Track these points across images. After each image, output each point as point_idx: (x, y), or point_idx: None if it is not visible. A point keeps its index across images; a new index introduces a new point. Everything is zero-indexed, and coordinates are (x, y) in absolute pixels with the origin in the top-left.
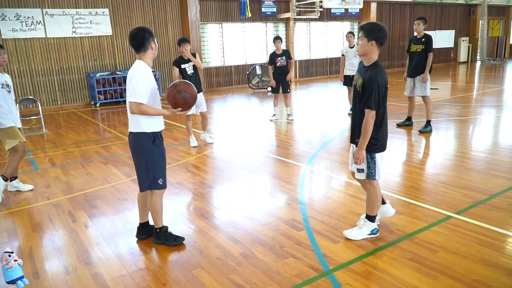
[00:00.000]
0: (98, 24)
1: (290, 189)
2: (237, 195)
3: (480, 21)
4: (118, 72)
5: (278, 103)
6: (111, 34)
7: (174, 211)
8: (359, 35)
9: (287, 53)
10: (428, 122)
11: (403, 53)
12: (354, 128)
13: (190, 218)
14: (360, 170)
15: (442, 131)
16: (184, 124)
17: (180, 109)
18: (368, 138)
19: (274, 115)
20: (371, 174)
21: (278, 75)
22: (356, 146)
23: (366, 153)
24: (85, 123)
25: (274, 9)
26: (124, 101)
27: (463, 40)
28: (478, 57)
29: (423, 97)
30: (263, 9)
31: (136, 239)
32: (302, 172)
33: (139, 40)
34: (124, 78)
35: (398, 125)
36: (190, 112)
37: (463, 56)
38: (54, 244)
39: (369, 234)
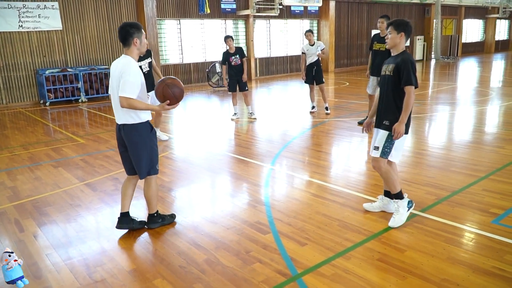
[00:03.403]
0: (47, 18)
1: (254, 191)
2: (199, 198)
3: (434, 20)
4: (69, 69)
5: (237, 101)
6: (61, 28)
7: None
8: (388, 30)
9: (240, 51)
10: None
11: (362, 52)
12: (381, 111)
13: None
14: (375, 148)
15: None
16: None
17: (169, 102)
18: (409, 113)
19: (235, 114)
20: (385, 152)
21: (235, 74)
22: (382, 129)
23: (387, 131)
24: (33, 123)
25: (234, 6)
26: (76, 100)
27: (418, 39)
28: (432, 55)
29: None
30: (223, 5)
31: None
32: (265, 173)
33: (122, 34)
34: (76, 75)
35: (360, 123)
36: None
37: (418, 54)
38: None
39: (408, 210)
